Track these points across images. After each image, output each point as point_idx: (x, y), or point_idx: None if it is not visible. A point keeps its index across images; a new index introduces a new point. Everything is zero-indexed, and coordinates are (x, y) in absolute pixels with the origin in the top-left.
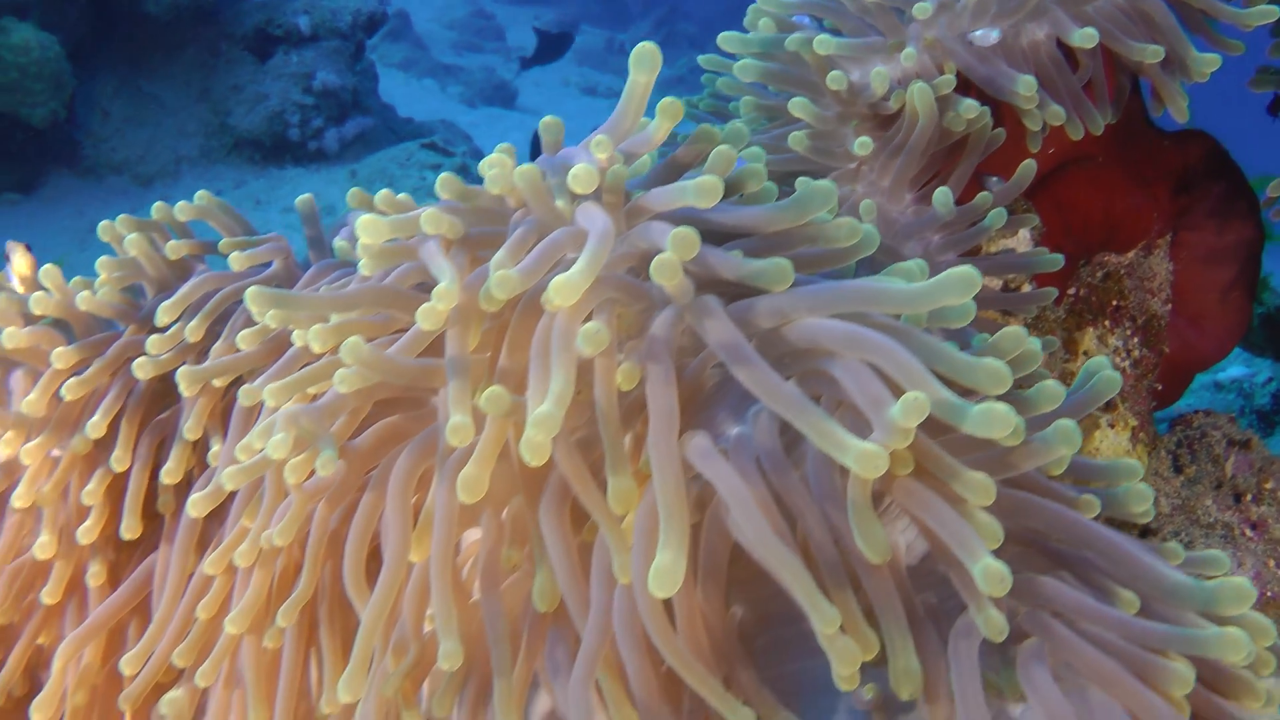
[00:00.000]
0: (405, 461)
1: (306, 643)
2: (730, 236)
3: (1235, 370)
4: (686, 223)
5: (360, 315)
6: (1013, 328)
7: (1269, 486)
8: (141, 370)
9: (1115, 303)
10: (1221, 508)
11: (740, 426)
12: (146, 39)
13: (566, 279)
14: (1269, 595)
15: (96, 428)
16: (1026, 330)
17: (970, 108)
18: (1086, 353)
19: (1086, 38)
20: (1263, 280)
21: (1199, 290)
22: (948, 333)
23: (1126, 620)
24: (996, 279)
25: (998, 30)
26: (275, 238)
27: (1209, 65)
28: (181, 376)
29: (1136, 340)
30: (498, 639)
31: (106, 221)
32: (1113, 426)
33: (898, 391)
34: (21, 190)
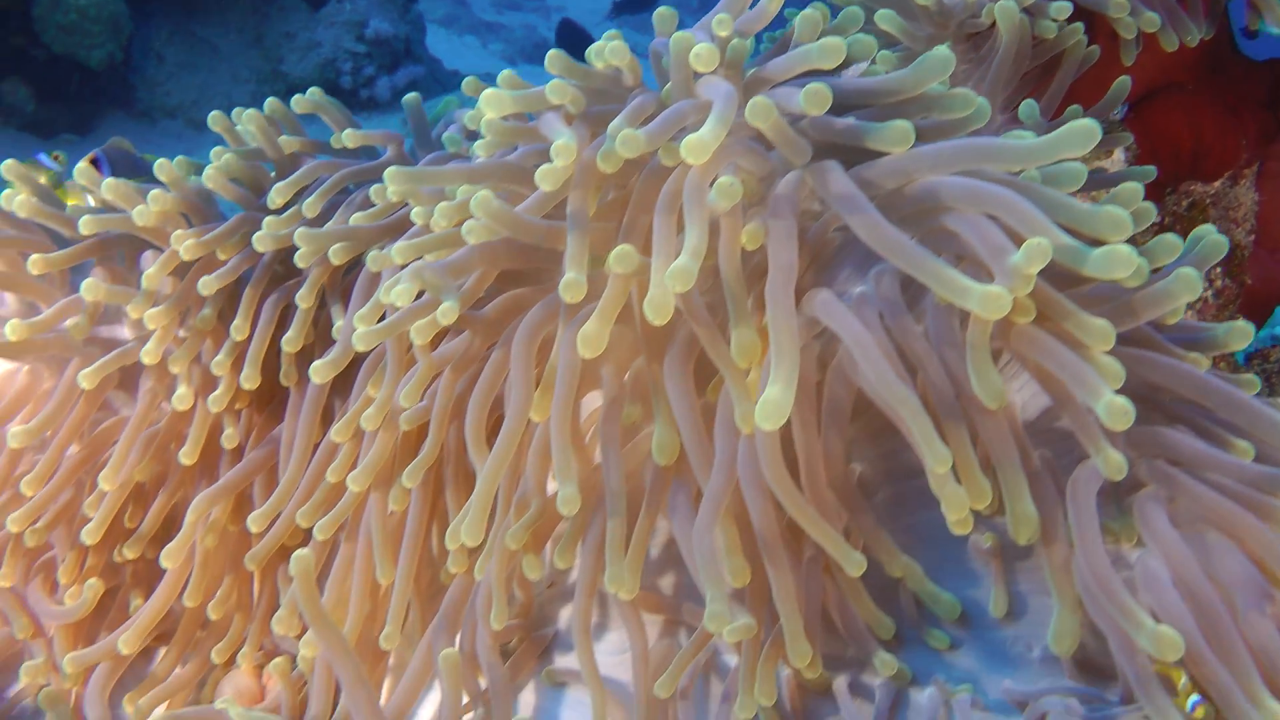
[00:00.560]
0: (530, 320)
1: (431, 507)
2: (846, 110)
3: None
4: None
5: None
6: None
7: None
8: (261, 244)
9: None
10: None
11: (863, 286)
12: None
13: (698, 137)
14: None
15: (210, 285)
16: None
17: (1061, 9)
18: None
19: None
20: None
21: None
22: None
23: (1244, 465)
24: (1088, 198)
25: None
26: (387, 132)
27: None
28: (300, 237)
29: (1219, 270)
30: (614, 486)
31: (217, 113)
32: None
33: (1019, 242)
34: (77, 131)
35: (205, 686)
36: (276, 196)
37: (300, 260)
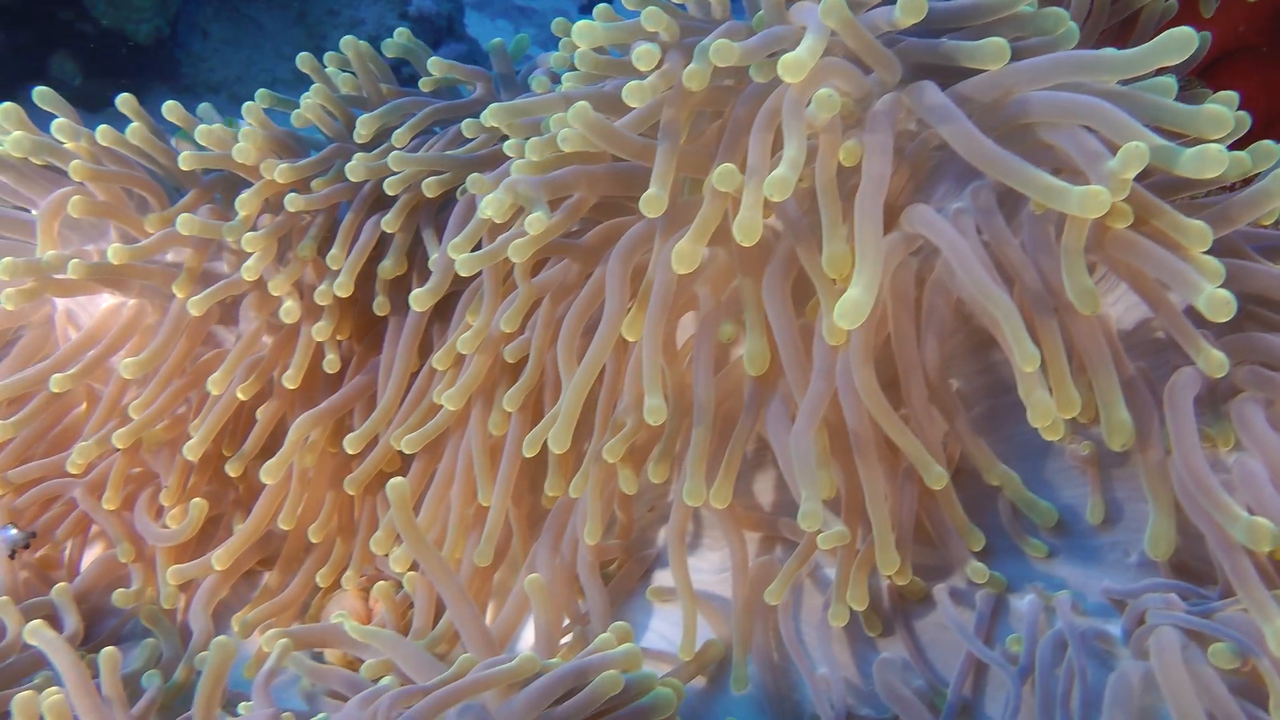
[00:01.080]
0: (627, 239)
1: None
2: (938, 33)
3: None
4: None
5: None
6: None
7: None
8: (353, 173)
9: None
10: None
11: (960, 202)
12: None
13: (794, 55)
14: None
15: (295, 203)
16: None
17: None
18: None
19: None
20: None
21: None
22: None
23: None
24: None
25: None
26: (475, 68)
27: None
28: (394, 160)
29: None
30: (702, 399)
31: (306, 54)
32: None
33: (1115, 150)
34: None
35: (309, 611)
36: (362, 128)
37: (391, 186)
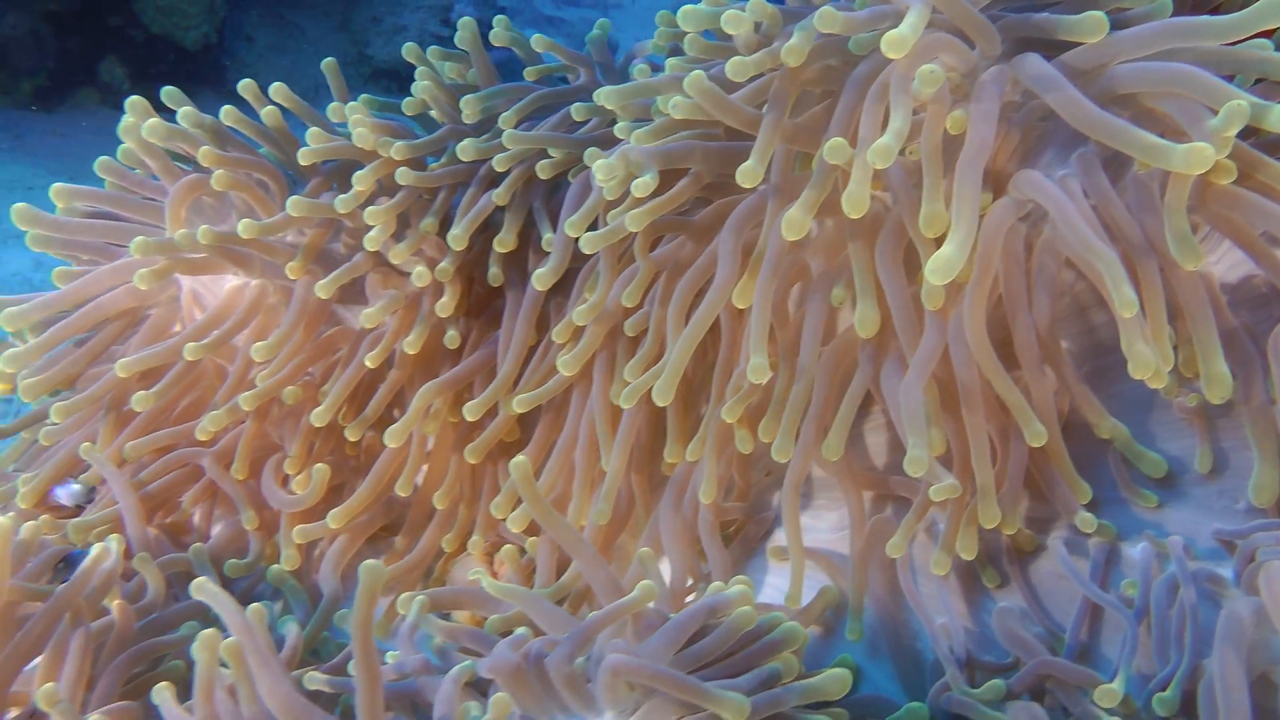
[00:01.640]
0: (740, 210)
1: (649, 401)
2: (1037, 8)
3: None
4: None
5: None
6: None
7: None
8: (465, 154)
9: None
10: None
11: (1066, 168)
12: None
13: (898, 32)
14: None
15: (406, 176)
16: None
17: None
18: None
19: None
20: None
21: None
22: None
23: None
24: None
25: None
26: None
27: None
28: (508, 139)
29: None
30: (805, 360)
31: (412, 45)
32: None
33: (1216, 112)
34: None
35: (432, 575)
36: (467, 108)
37: (499, 163)
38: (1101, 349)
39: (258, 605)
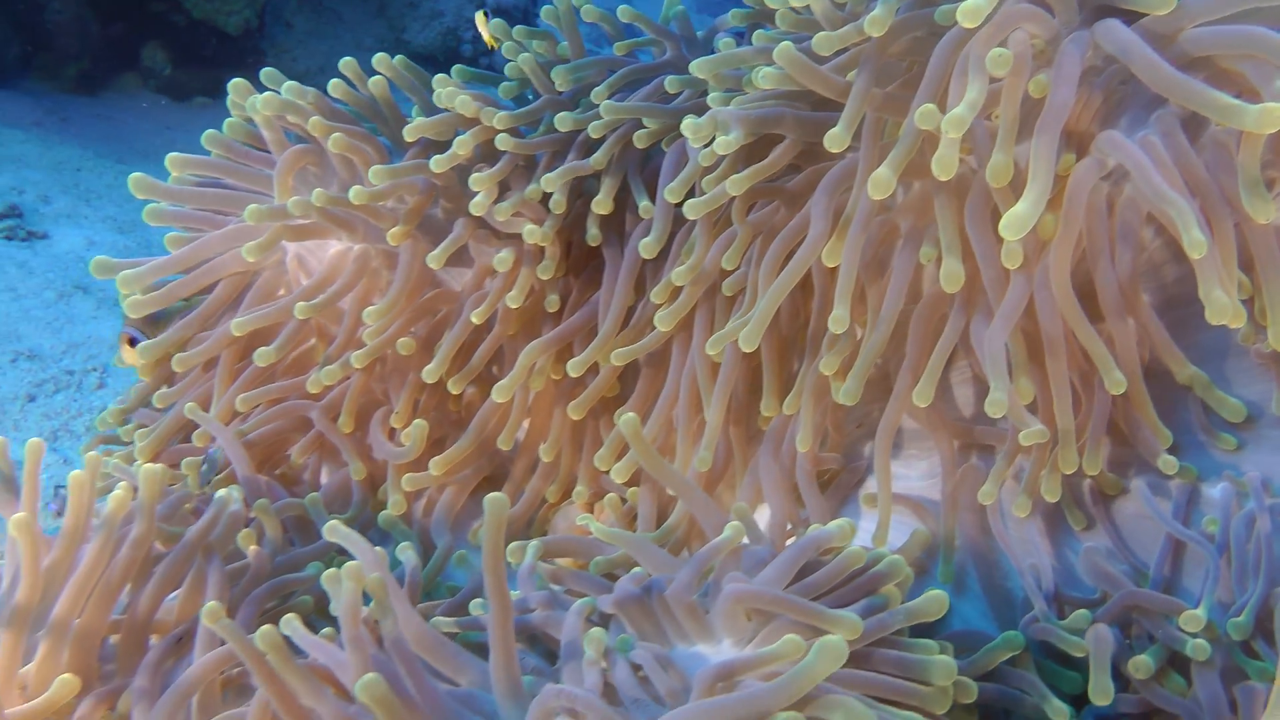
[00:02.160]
0: (831, 175)
1: (745, 360)
2: None
3: None
4: None
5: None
6: None
7: None
8: (562, 124)
9: None
10: None
11: (1146, 129)
12: None
13: (974, 2)
14: None
15: (506, 143)
16: None
17: None
18: None
19: None
20: None
21: None
22: None
23: None
24: None
25: None
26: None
27: None
28: (606, 109)
29: None
30: (886, 313)
31: (499, 20)
32: None
33: None
34: (210, 94)
35: (533, 524)
36: (557, 78)
37: (595, 130)
38: (1179, 302)
39: (380, 550)
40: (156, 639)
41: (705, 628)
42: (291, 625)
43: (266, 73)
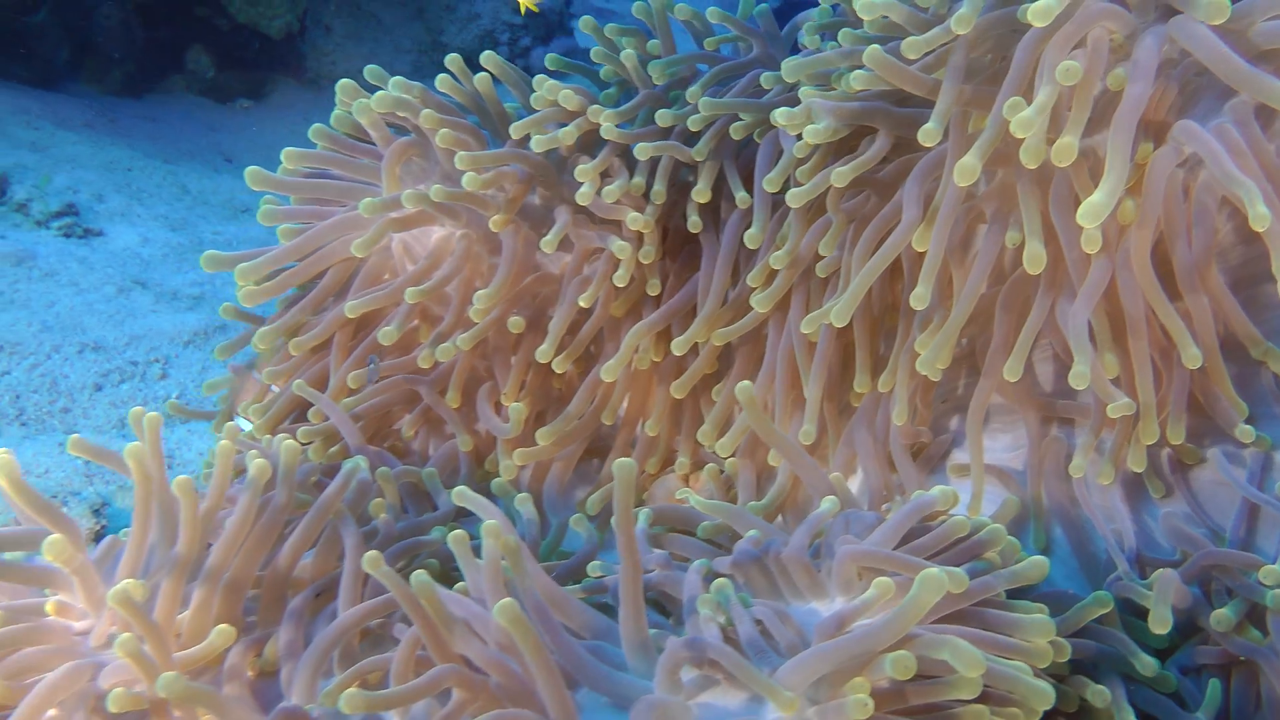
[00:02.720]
0: (922, 165)
1: (837, 338)
2: None
3: None
4: None
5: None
6: None
7: None
8: (662, 120)
9: None
10: None
11: (1220, 118)
12: None
13: (1044, 3)
14: None
15: (611, 133)
16: None
17: None
18: None
19: None
20: None
21: None
22: None
23: None
24: None
25: None
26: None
27: None
28: (704, 105)
29: None
30: (969, 291)
31: (587, 17)
32: None
33: None
34: (252, 96)
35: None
36: (653, 72)
37: (694, 124)
38: (1247, 282)
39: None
40: (292, 594)
41: (818, 586)
42: (421, 579)
43: (370, 70)
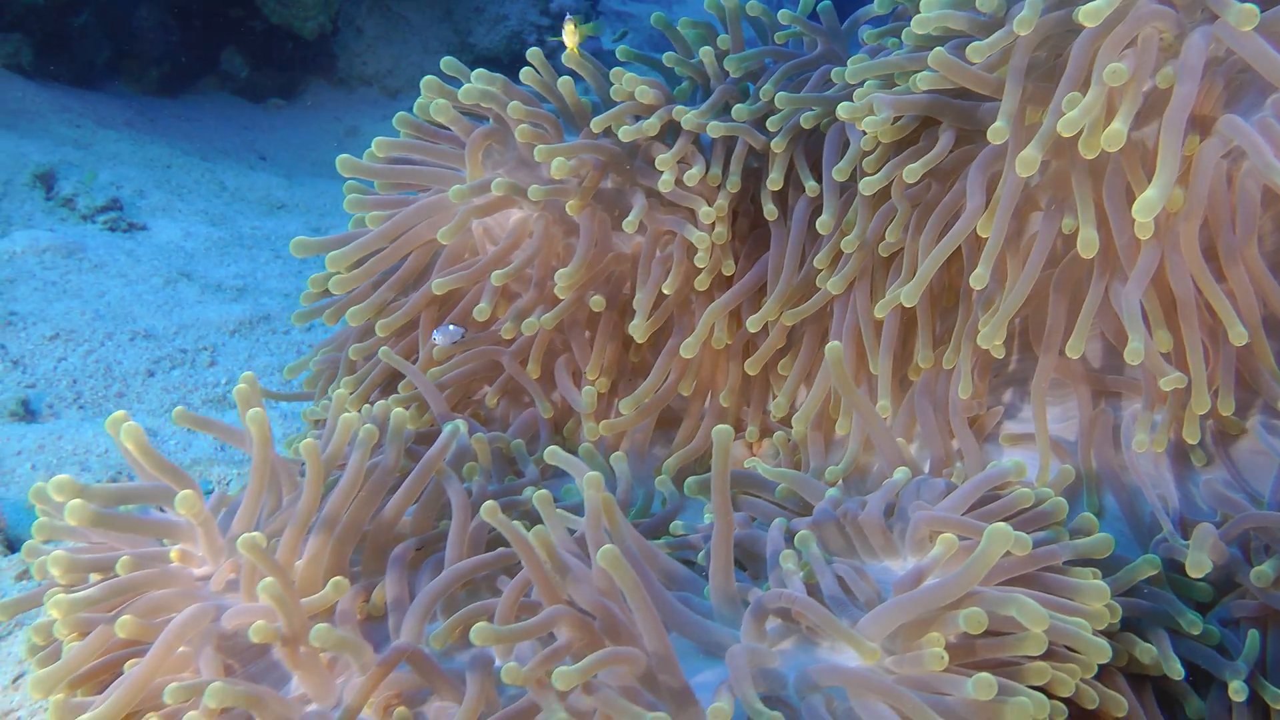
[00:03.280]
0: (982, 157)
1: (901, 315)
2: None
3: None
4: None
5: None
6: None
7: None
8: (738, 115)
9: None
10: None
11: (1262, 112)
12: None
13: (1095, 4)
14: None
15: (692, 122)
16: None
17: None
18: None
19: None
20: None
21: None
22: None
23: None
24: None
25: None
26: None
27: None
28: (780, 100)
29: None
30: (1026, 276)
31: (659, 14)
32: None
33: None
34: (284, 96)
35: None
36: (730, 66)
37: (772, 124)
38: None
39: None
40: (393, 547)
41: (892, 547)
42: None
43: (446, 61)
